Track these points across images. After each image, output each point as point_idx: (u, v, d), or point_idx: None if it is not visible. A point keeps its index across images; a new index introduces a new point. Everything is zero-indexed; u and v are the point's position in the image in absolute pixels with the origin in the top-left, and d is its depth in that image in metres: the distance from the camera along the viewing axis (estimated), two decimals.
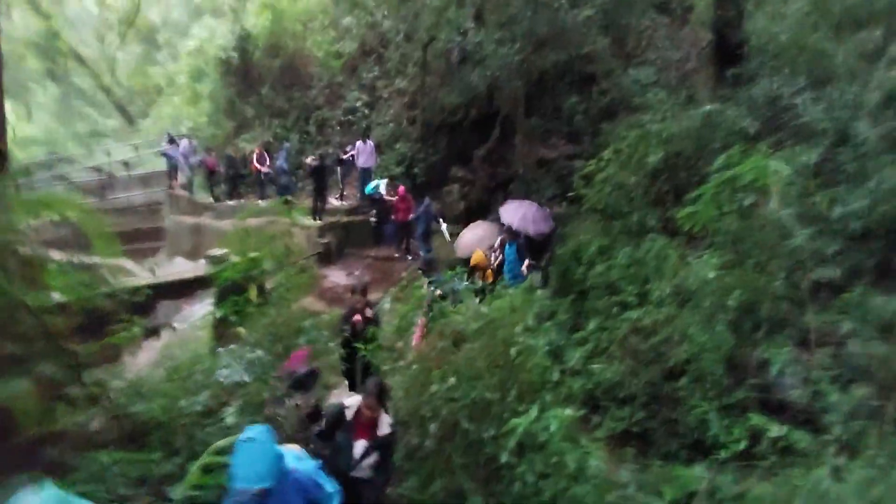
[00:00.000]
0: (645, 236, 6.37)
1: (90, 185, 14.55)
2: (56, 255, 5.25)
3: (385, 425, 3.03)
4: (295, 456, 2.39)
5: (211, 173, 13.09)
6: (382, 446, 3.01)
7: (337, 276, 9.55)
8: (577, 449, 3.11)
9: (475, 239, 8.33)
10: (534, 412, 3.15)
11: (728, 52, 8.98)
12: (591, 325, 5.35)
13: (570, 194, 7.74)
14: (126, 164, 15.43)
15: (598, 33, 11.19)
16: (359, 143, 11.20)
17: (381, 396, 3.01)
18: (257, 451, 2.06)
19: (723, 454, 3.06)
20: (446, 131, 12.20)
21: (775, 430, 3.05)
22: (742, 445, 2.99)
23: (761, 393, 4.24)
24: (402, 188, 10.20)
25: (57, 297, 3.68)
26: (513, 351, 3.66)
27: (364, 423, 3.00)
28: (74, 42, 18.88)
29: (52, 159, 16.65)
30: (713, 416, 3.80)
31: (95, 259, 5.64)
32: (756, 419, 3.12)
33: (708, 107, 7.37)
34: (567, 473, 3.04)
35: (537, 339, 3.92)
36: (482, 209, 10.31)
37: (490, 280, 6.92)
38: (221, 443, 2.55)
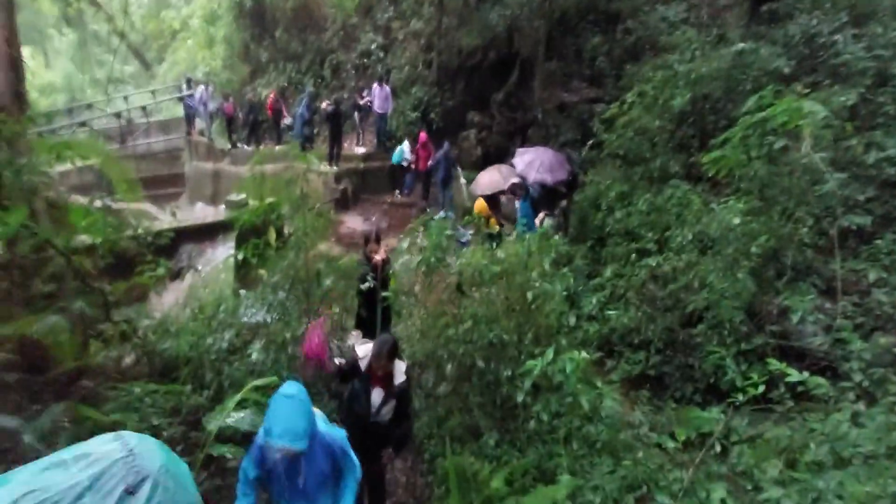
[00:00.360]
0: (667, 183, 6.17)
1: (110, 131, 14.62)
2: (81, 199, 5.37)
3: (400, 374, 2.99)
4: (324, 419, 2.39)
5: (230, 120, 12.90)
6: (400, 395, 2.99)
7: (353, 222, 9.61)
8: (591, 390, 3.17)
9: (491, 182, 8.03)
10: (549, 354, 3.19)
11: None
12: (609, 271, 5.32)
13: (590, 140, 7.45)
14: (144, 110, 15.37)
15: None
16: (374, 87, 10.87)
17: (392, 355, 2.93)
18: (297, 409, 1.98)
19: (739, 398, 3.08)
20: (463, 75, 11.73)
21: (794, 375, 3.03)
22: (759, 390, 3.00)
23: (781, 340, 4.22)
24: (423, 134, 9.82)
25: (84, 238, 3.79)
26: (529, 295, 3.67)
27: (379, 375, 2.97)
28: None
29: (72, 106, 16.69)
30: (730, 361, 3.81)
31: (119, 203, 5.76)
32: (774, 364, 3.10)
33: (740, 45, 6.86)
34: (581, 413, 3.11)
35: (554, 285, 3.93)
36: (500, 154, 10.05)
37: (496, 227, 6.65)
38: (258, 382, 2.67)
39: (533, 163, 7.93)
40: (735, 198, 4.51)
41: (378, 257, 4.43)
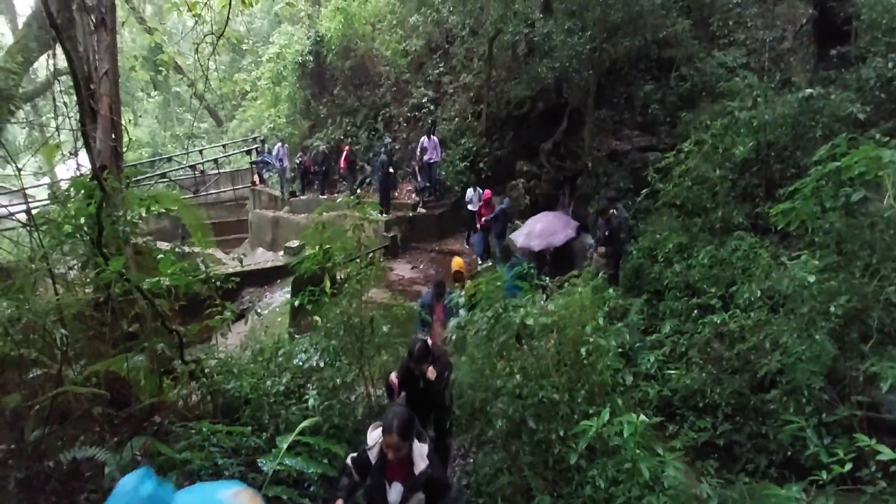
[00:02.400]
0: (729, 234, 5.90)
1: (186, 181, 16.12)
2: (161, 244, 5.88)
3: (421, 459, 2.42)
4: None
5: (305, 171, 13.99)
6: (427, 485, 2.41)
7: (402, 269, 9.82)
8: (652, 457, 2.95)
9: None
10: (605, 415, 3.04)
11: (832, 29, 8.04)
12: (667, 327, 5.05)
13: (644, 189, 7.32)
14: (216, 162, 16.89)
15: (679, 15, 10.47)
16: (423, 139, 11.35)
17: (405, 432, 2.34)
18: None
19: (823, 476, 2.75)
20: (512, 125, 12.06)
21: (886, 453, 2.68)
22: (846, 468, 2.67)
23: (869, 411, 3.78)
24: (487, 192, 9.67)
25: (164, 281, 4.13)
26: (582, 351, 3.55)
27: (394, 464, 2.42)
28: (174, 53, 20.89)
29: (154, 159, 18.64)
30: (811, 433, 3.44)
31: (193, 248, 6.25)
32: (863, 440, 2.77)
33: (808, 91, 6.62)
34: (641, 481, 2.90)
35: (608, 340, 3.78)
36: (549, 203, 10.09)
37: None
38: (305, 423, 2.73)
39: (526, 228, 7.86)
40: (808, 252, 4.22)
41: (430, 375, 3.78)
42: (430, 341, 3.97)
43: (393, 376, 3.65)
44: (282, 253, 10.24)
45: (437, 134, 11.84)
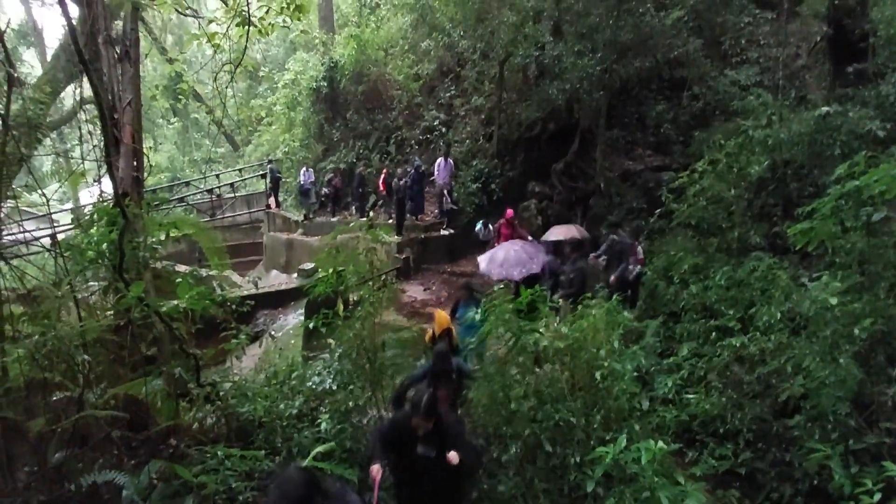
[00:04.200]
0: (746, 255, 5.81)
1: (203, 205, 16.51)
2: (179, 267, 5.99)
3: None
4: None
5: (336, 193, 14.05)
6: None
7: (414, 291, 9.83)
8: (672, 486, 2.86)
9: (566, 233, 8.08)
10: (622, 441, 2.97)
11: (848, 46, 7.99)
12: (685, 350, 4.94)
13: (658, 209, 7.28)
14: (232, 187, 17.29)
15: (690, 34, 10.57)
16: (439, 161, 11.47)
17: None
18: None
19: None
20: (523, 146, 12.16)
21: None
22: (876, 498, 2.55)
23: None
24: (509, 212, 9.16)
25: (180, 304, 4.21)
26: (598, 375, 3.50)
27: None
28: (193, 82, 21.71)
29: (173, 183, 19.17)
30: (837, 462, 3.30)
31: (209, 271, 6.37)
32: (892, 469, 2.65)
33: (824, 108, 6.57)
34: None
35: (624, 364, 3.72)
36: (560, 224, 10.05)
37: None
38: (320, 448, 2.71)
39: (496, 258, 7.18)
40: (829, 273, 4.12)
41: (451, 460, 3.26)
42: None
43: (375, 469, 2.67)
44: (295, 275, 10.35)
45: (450, 156, 11.94)
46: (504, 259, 6.95)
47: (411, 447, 2.70)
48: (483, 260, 7.42)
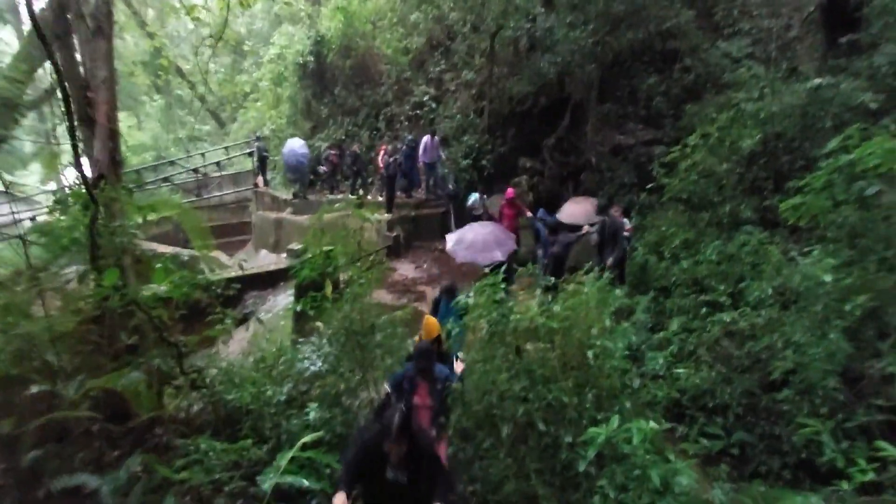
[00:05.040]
0: (738, 229, 5.78)
1: (189, 184, 16.12)
2: (160, 248, 5.83)
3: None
4: None
5: (333, 169, 13.53)
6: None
7: (406, 269, 9.75)
8: (662, 463, 2.88)
9: (582, 213, 7.61)
10: (614, 422, 2.96)
11: (841, 16, 7.83)
12: (675, 325, 4.95)
13: (650, 184, 7.20)
14: (218, 165, 16.89)
15: (682, 6, 10.28)
16: (426, 139, 11.26)
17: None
18: None
19: (844, 485, 2.66)
20: (514, 121, 11.93)
21: None
22: (869, 476, 2.58)
23: (889, 414, 3.66)
24: (510, 191, 8.68)
25: (162, 290, 4.09)
26: (590, 354, 3.47)
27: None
28: (174, 57, 20.93)
29: (158, 163, 18.71)
30: (827, 437, 3.34)
31: (194, 252, 6.22)
32: (888, 449, 2.67)
33: (816, 80, 6.46)
34: (651, 488, 2.82)
35: (615, 341, 3.70)
36: (552, 200, 9.96)
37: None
38: (307, 439, 2.67)
39: (463, 241, 6.72)
40: (821, 247, 4.10)
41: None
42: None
43: (338, 500, 2.31)
44: (285, 255, 10.21)
45: (439, 132, 11.70)
46: (472, 242, 6.62)
47: (381, 471, 2.45)
48: (450, 239, 6.99)
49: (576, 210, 7.95)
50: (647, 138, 9.64)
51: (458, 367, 4.12)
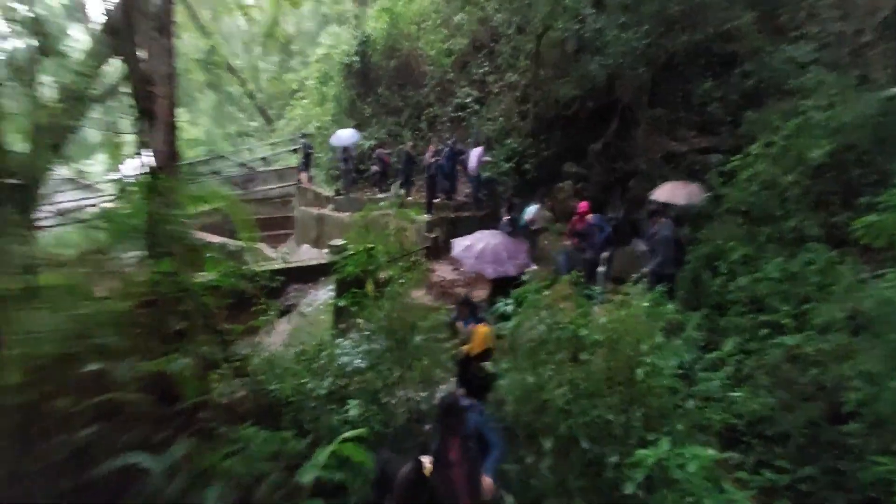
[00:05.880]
0: (802, 246, 5.39)
1: (237, 178, 16.73)
2: (210, 238, 6.01)
3: None
4: None
5: (385, 169, 13.57)
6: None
7: (443, 271, 9.70)
8: (717, 493, 2.69)
9: (680, 193, 7.08)
10: (664, 444, 2.80)
11: None
12: (730, 345, 4.66)
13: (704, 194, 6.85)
14: (265, 160, 17.45)
15: (743, 7, 9.77)
16: (478, 150, 11.06)
17: None
18: None
19: None
20: (559, 125, 11.67)
21: None
22: None
23: None
24: (583, 204, 8.02)
25: (211, 278, 4.21)
26: (639, 372, 3.30)
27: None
28: (227, 55, 21.87)
29: (209, 157, 19.55)
30: None
31: (240, 244, 6.40)
32: None
33: (892, 90, 5.99)
34: None
35: (666, 359, 3.51)
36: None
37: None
38: (346, 434, 2.65)
39: (473, 248, 6.21)
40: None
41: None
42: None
43: None
44: (326, 250, 10.39)
45: (480, 140, 11.62)
46: (482, 251, 6.20)
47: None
48: (458, 245, 6.51)
49: (676, 190, 7.26)
50: (701, 145, 9.21)
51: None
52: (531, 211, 8.95)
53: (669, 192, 7.14)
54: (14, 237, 3.08)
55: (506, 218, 9.03)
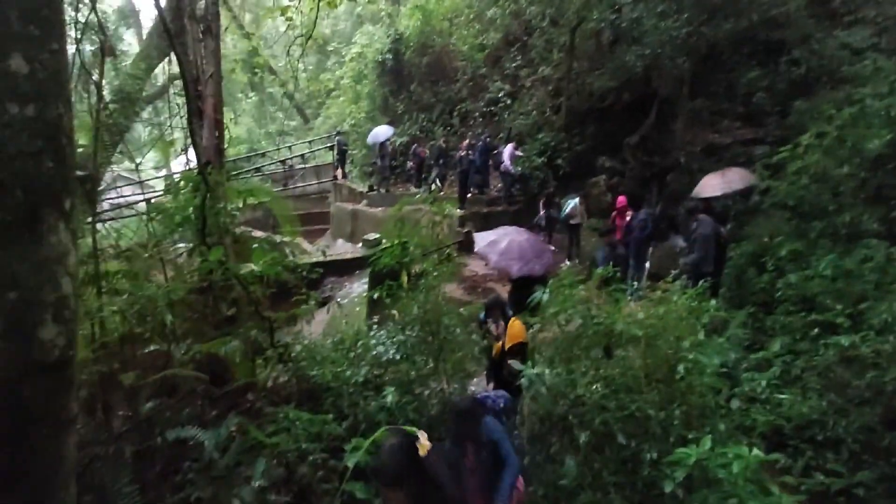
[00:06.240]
0: (857, 242, 5.10)
1: (277, 175, 17.30)
2: (255, 232, 6.27)
3: None
4: None
5: (420, 164, 13.77)
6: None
7: (475, 265, 9.72)
8: (763, 496, 2.59)
9: (716, 182, 6.83)
10: (706, 443, 2.72)
11: None
12: (776, 345, 4.45)
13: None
14: (303, 157, 17.95)
15: None
16: (510, 147, 11.07)
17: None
18: None
19: None
20: (593, 118, 11.46)
21: None
22: None
23: None
24: (622, 199, 7.89)
25: (257, 268, 4.40)
26: (680, 368, 3.22)
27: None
28: (268, 56, 22.57)
29: (250, 154, 20.29)
30: None
31: (281, 237, 6.64)
32: None
33: None
34: None
35: (709, 356, 3.40)
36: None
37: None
38: (391, 428, 2.72)
39: (496, 245, 5.90)
40: None
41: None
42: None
43: None
44: (360, 245, 10.61)
45: (513, 131, 11.57)
46: (507, 248, 5.96)
47: None
48: (481, 239, 6.26)
49: (713, 181, 6.96)
50: (746, 137, 8.85)
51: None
52: (572, 204, 8.83)
53: (708, 185, 6.87)
54: (81, 227, 3.33)
55: (542, 212, 8.99)
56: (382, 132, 14.21)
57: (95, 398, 2.98)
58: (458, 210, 10.91)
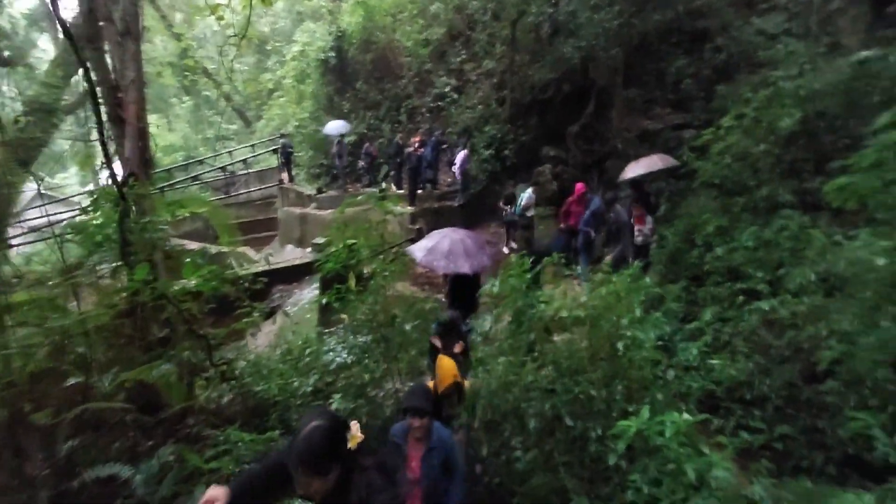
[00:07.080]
0: (775, 213, 5.50)
1: (217, 182, 16.53)
2: (189, 244, 5.99)
3: None
4: None
5: (372, 162, 13.67)
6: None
7: None
8: (697, 457, 2.76)
9: (640, 165, 7.22)
10: (645, 414, 2.86)
11: None
12: (708, 314, 4.75)
13: (679, 169, 6.94)
14: (245, 163, 17.25)
15: None
16: (464, 153, 11.11)
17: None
18: None
19: None
20: (537, 109, 11.71)
21: None
22: None
23: None
24: (580, 186, 7.95)
25: (191, 284, 4.19)
26: (620, 345, 3.36)
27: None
28: (201, 58, 21.49)
29: (187, 162, 19.29)
30: (878, 431, 3.14)
31: (223, 248, 6.37)
32: None
33: (862, 54, 6.07)
34: (686, 483, 2.72)
35: (646, 332, 3.57)
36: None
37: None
38: (317, 408, 2.67)
39: (438, 249, 5.72)
40: (869, 230, 3.85)
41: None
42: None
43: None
44: (309, 249, 10.37)
45: (459, 125, 11.65)
46: (449, 250, 5.78)
47: None
48: (419, 250, 5.93)
49: (637, 165, 7.33)
50: (676, 122, 9.30)
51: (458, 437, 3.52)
52: (526, 195, 8.98)
53: (630, 169, 7.28)
54: None
55: (508, 209, 9.11)
56: (340, 125, 13.87)
57: (4, 442, 2.72)
58: (410, 207, 10.87)
